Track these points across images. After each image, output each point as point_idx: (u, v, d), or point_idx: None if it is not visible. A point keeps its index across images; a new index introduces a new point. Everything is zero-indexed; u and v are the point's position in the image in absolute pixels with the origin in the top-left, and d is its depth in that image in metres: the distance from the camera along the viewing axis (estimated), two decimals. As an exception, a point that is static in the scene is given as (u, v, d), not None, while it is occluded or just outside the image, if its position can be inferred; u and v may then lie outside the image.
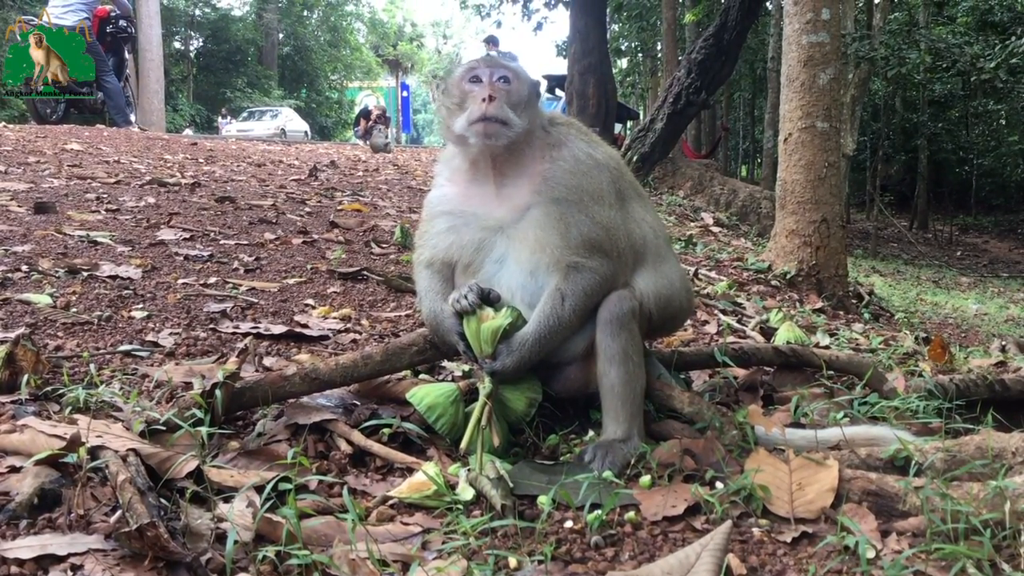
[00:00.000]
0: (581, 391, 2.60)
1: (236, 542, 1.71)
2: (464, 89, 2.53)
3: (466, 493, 2.10)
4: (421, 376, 2.92)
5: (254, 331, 3.34)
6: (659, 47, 28.40)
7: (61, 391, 2.45)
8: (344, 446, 2.38)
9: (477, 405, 2.37)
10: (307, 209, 6.87)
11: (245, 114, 39.08)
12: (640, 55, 34.63)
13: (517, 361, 2.40)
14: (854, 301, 6.92)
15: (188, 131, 33.69)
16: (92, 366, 2.67)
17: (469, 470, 2.20)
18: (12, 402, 2.37)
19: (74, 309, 3.36)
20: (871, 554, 1.82)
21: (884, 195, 29.65)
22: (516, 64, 2.63)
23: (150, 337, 3.16)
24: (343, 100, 56.29)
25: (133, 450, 2.01)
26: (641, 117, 23.29)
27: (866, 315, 6.59)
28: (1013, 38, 18.61)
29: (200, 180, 7.88)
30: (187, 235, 5.10)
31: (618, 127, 21.07)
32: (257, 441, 2.34)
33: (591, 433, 2.54)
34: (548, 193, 2.48)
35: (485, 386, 2.39)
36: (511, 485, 2.09)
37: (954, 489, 2.00)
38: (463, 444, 2.32)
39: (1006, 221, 32.31)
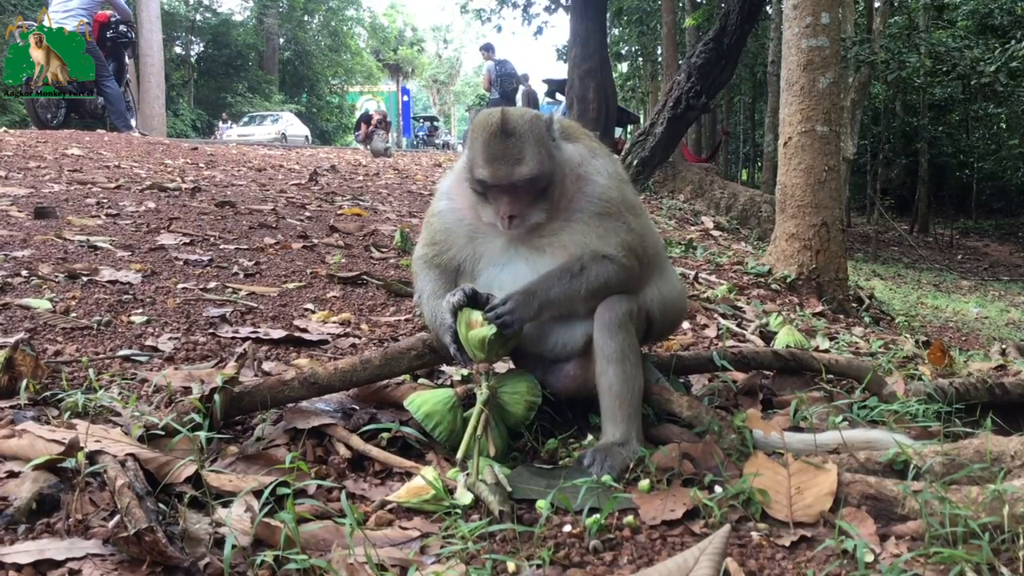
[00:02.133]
0: (580, 391, 2.60)
1: (234, 547, 1.71)
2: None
3: (464, 498, 2.10)
4: (420, 381, 2.92)
5: (253, 336, 3.35)
6: (659, 51, 28.43)
7: (60, 396, 2.45)
8: (343, 451, 2.37)
9: (474, 412, 2.36)
10: (307, 214, 6.87)
11: (246, 119, 39.13)
12: (640, 59, 34.66)
13: (517, 303, 2.37)
14: (854, 305, 6.92)
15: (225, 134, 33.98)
16: (91, 371, 2.67)
17: (468, 475, 2.19)
18: (11, 407, 2.37)
19: (73, 314, 3.36)
20: (869, 558, 1.82)
21: (884, 199, 29.69)
22: (529, 165, 2.37)
23: (149, 342, 3.16)
24: (344, 105, 56.42)
25: (131, 455, 2.01)
26: (641, 121, 23.32)
27: (866, 319, 6.59)
28: (1013, 42, 18.63)
29: (200, 185, 7.89)
30: (187, 240, 5.10)
31: (618, 131, 21.09)
32: (256, 446, 2.34)
33: (590, 437, 2.54)
34: (589, 209, 2.49)
35: (482, 392, 2.39)
36: (509, 490, 2.09)
37: (953, 493, 2.00)
38: (460, 452, 2.31)
39: (1007, 225, 32.30)
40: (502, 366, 2.84)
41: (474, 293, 2.43)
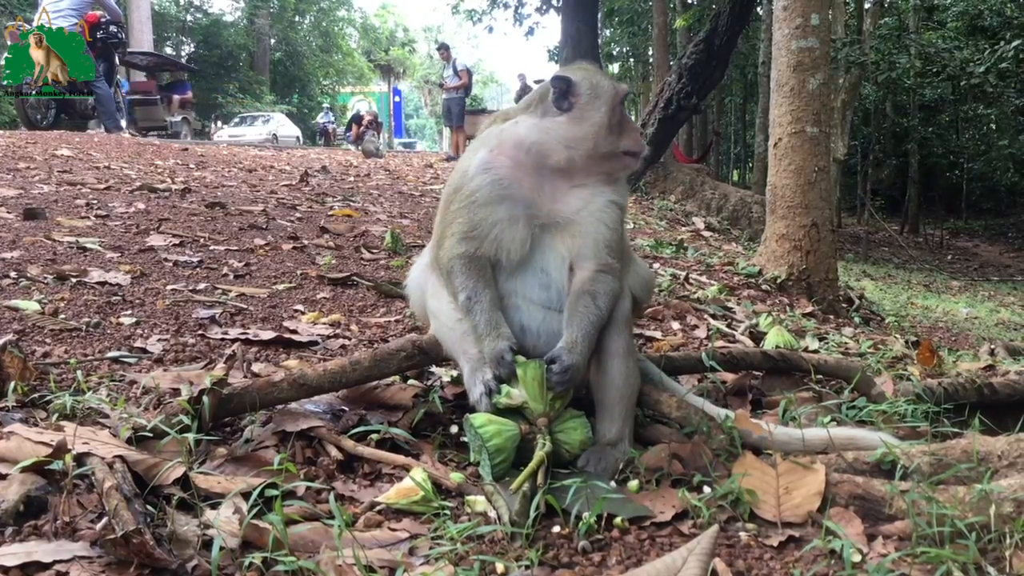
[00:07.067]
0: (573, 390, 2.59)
1: (222, 548, 1.70)
2: (622, 112, 2.54)
3: (478, 507, 2.08)
4: (410, 382, 2.91)
5: (243, 337, 3.34)
6: (650, 52, 28.49)
7: (48, 398, 2.44)
8: (333, 452, 2.37)
9: (534, 462, 2.22)
10: (298, 215, 6.86)
11: (237, 119, 38.98)
12: (631, 60, 34.77)
13: (573, 359, 2.34)
14: (844, 305, 6.93)
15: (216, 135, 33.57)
16: (79, 373, 2.65)
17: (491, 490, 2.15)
18: (-2, 409, 2.36)
19: (62, 315, 3.35)
20: (857, 558, 1.83)
21: (875, 199, 29.85)
22: None
23: (138, 343, 3.15)
24: (335, 105, 56.34)
25: (120, 457, 2.00)
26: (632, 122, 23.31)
27: (856, 319, 6.60)
28: (1002, 43, 18.73)
29: (191, 186, 7.87)
30: (177, 241, 5.08)
31: (610, 132, 21.08)
32: (245, 447, 2.33)
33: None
34: (610, 193, 2.53)
35: (546, 443, 2.29)
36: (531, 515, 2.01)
37: (940, 493, 2.01)
38: (513, 487, 2.14)
39: (996, 225, 32.48)
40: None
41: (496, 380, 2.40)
